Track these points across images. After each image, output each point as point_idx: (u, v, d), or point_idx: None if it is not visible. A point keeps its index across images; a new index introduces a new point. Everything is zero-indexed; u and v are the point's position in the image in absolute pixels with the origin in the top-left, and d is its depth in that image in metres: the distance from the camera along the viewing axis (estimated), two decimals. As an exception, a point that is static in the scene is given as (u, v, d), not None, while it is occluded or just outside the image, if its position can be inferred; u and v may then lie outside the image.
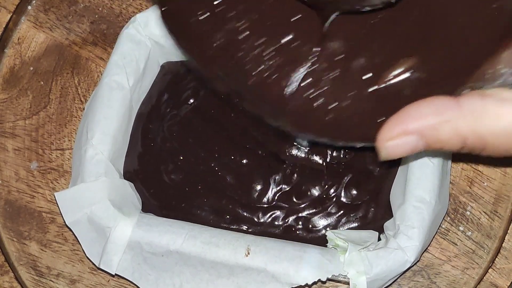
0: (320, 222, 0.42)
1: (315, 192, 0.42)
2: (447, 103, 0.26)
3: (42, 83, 0.45)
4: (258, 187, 0.43)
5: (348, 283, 0.39)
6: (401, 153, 0.27)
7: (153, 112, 0.44)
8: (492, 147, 0.26)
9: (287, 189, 0.42)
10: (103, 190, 0.39)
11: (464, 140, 0.26)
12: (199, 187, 0.43)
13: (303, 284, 0.38)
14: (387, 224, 0.41)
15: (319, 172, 0.42)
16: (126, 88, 0.41)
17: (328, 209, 0.42)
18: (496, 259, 0.42)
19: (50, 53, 0.45)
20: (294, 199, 0.42)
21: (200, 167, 0.43)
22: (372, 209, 0.42)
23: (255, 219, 0.42)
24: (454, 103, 0.26)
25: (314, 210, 0.42)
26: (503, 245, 0.42)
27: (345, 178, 0.42)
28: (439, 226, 0.41)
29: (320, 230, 0.42)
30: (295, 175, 0.43)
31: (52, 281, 0.43)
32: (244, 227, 0.42)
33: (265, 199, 0.43)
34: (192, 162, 0.43)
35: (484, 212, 0.42)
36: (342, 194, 0.42)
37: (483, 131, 0.25)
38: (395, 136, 0.27)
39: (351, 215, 0.42)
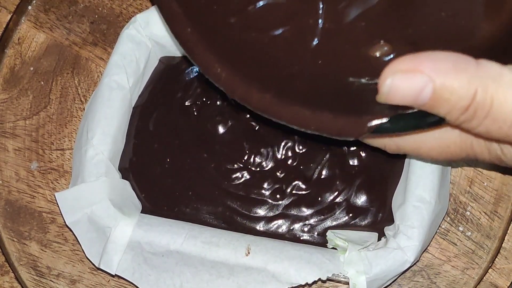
0: (326, 227, 0.42)
1: (326, 199, 0.42)
2: (466, 57, 0.25)
3: (42, 83, 0.45)
4: (262, 199, 0.42)
5: (348, 283, 0.39)
6: (404, 92, 0.25)
7: (144, 108, 0.43)
8: (495, 115, 0.25)
9: (297, 198, 0.42)
10: (103, 190, 0.39)
11: (474, 93, 0.24)
12: (190, 193, 0.42)
13: (303, 284, 0.38)
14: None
15: (332, 179, 0.42)
16: (126, 88, 0.41)
17: (336, 214, 0.42)
18: (496, 259, 0.42)
19: (50, 53, 0.45)
20: (303, 208, 0.42)
21: (189, 173, 0.42)
22: (380, 214, 0.41)
23: (257, 228, 0.42)
24: (473, 59, 0.25)
25: (322, 217, 0.42)
26: (503, 245, 0.42)
27: (357, 181, 0.42)
28: (439, 226, 0.41)
29: (324, 234, 0.42)
30: (308, 184, 0.42)
31: (52, 281, 0.43)
32: (243, 233, 0.41)
33: (269, 211, 0.42)
34: (180, 167, 0.42)
35: (484, 212, 0.42)
36: (352, 198, 0.42)
37: (494, 92, 0.24)
38: (404, 70, 0.25)
39: (359, 219, 0.42)
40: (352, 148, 0.42)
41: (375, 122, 0.29)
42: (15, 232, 0.43)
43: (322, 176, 0.42)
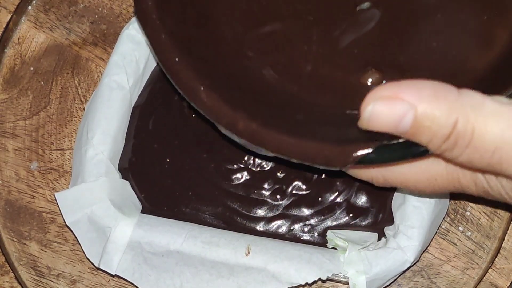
0: (326, 227, 0.42)
1: (326, 200, 0.42)
2: (448, 86, 0.25)
3: (42, 83, 0.45)
4: (262, 200, 0.42)
5: (348, 283, 0.39)
6: (385, 119, 0.25)
7: (144, 108, 0.43)
8: (476, 144, 0.25)
9: (297, 198, 0.42)
10: (103, 190, 0.39)
11: (455, 122, 0.24)
12: (190, 194, 0.42)
13: (303, 284, 0.38)
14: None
15: (333, 179, 0.42)
16: (126, 89, 0.41)
17: (336, 215, 0.42)
18: (496, 259, 0.42)
19: (50, 53, 0.45)
20: (304, 208, 0.42)
21: (188, 173, 0.42)
22: (381, 214, 0.41)
23: (257, 228, 0.42)
24: (455, 88, 0.25)
25: (322, 217, 0.42)
26: (502, 245, 0.42)
27: (357, 181, 0.41)
28: (439, 226, 0.41)
29: (324, 234, 0.42)
30: (308, 184, 0.42)
31: (52, 281, 0.43)
32: (243, 233, 0.41)
33: (269, 211, 0.42)
34: (179, 167, 0.42)
35: (484, 213, 0.42)
36: (352, 198, 0.42)
37: (475, 121, 0.24)
38: (385, 97, 0.25)
39: (359, 219, 0.42)
40: None
41: (360, 152, 0.29)
42: (15, 232, 0.43)
43: (322, 176, 0.42)
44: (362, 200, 0.42)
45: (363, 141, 0.29)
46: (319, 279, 0.38)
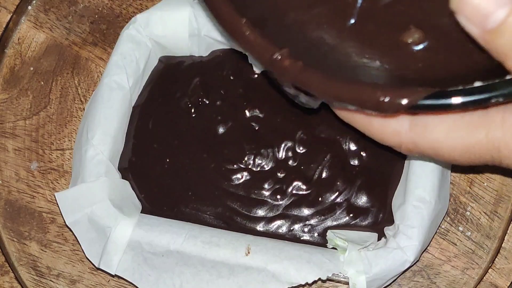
0: (327, 227, 0.41)
1: (327, 200, 0.42)
2: None
3: (42, 83, 0.45)
4: (263, 200, 0.42)
5: (348, 283, 0.39)
6: (476, 4, 0.23)
7: (144, 108, 0.43)
8: None
9: (297, 198, 0.42)
10: (103, 190, 0.39)
11: None
12: (190, 194, 0.42)
13: (303, 283, 0.38)
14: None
15: (333, 179, 0.42)
16: (126, 89, 0.41)
17: (336, 215, 0.42)
18: (496, 259, 0.42)
19: (50, 53, 0.45)
20: (304, 208, 0.42)
21: (188, 173, 0.42)
22: (381, 214, 0.41)
23: (257, 228, 0.42)
24: None
25: (322, 217, 0.42)
26: (502, 245, 0.42)
27: (357, 181, 0.42)
28: (439, 226, 0.41)
29: (324, 234, 0.41)
30: (309, 184, 0.42)
31: (52, 281, 0.43)
32: (243, 233, 0.41)
33: (269, 211, 0.42)
34: (179, 167, 0.42)
35: (484, 213, 0.42)
36: (353, 198, 0.42)
37: None
38: None
39: (359, 219, 0.41)
40: (353, 148, 0.42)
41: (415, 96, 0.27)
42: (15, 232, 0.43)
43: (323, 176, 0.42)
44: (362, 200, 0.42)
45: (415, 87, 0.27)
46: (319, 279, 0.38)
